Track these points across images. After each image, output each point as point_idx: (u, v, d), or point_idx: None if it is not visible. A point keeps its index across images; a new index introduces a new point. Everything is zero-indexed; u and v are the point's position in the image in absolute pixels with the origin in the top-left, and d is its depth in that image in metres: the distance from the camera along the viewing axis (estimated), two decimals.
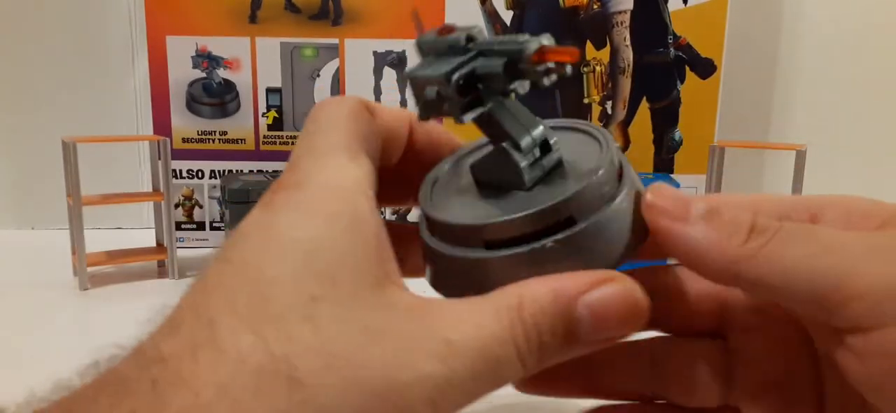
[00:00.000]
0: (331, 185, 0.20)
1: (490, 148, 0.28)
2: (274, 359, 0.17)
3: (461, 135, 0.29)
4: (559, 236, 0.22)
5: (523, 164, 0.25)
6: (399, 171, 0.25)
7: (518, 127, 0.25)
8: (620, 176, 0.24)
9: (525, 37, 0.25)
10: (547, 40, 0.24)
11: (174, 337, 0.18)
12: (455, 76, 0.25)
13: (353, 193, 0.20)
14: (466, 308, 0.20)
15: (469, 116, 0.26)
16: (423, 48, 0.26)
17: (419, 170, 0.27)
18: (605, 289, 0.21)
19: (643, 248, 0.24)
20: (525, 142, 0.25)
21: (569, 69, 0.24)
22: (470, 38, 0.26)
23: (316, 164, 0.21)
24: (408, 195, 0.27)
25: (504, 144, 0.25)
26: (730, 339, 0.27)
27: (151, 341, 0.18)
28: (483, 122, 0.26)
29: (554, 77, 0.24)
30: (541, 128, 0.25)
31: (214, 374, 0.16)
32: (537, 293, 0.20)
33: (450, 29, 0.26)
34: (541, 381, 0.27)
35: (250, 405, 0.16)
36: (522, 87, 0.25)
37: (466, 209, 0.25)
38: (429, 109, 0.26)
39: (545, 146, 0.26)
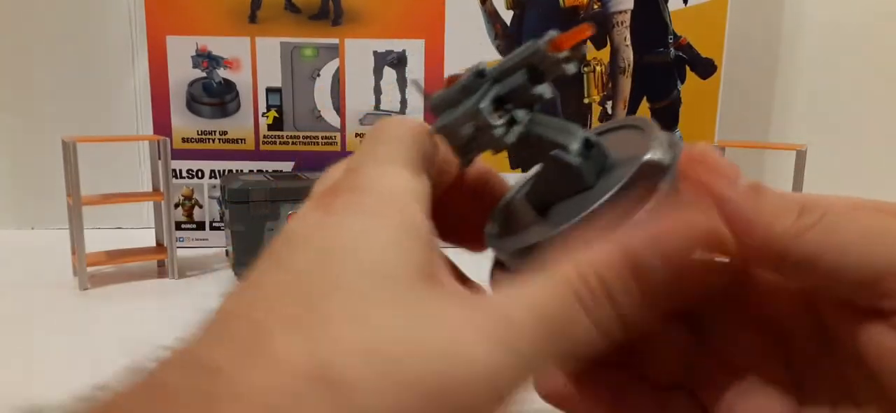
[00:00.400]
0: (390, 192, 0.20)
1: (533, 179, 0.28)
2: (320, 363, 0.16)
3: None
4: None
5: (578, 162, 0.25)
6: (445, 204, 0.25)
7: (561, 133, 0.26)
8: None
9: (530, 42, 0.25)
10: (554, 32, 0.24)
11: (223, 343, 0.17)
12: (483, 104, 0.25)
13: (410, 201, 0.20)
14: (522, 283, 0.19)
15: (512, 135, 0.26)
16: (437, 107, 0.26)
17: (467, 205, 0.26)
18: (676, 222, 0.20)
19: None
20: (572, 143, 0.25)
21: (585, 50, 0.24)
22: (479, 73, 0.26)
23: (377, 171, 0.21)
24: (451, 230, 0.27)
25: (553, 153, 0.25)
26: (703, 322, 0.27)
27: (199, 347, 0.17)
28: (525, 143, 0.26)
29: (574, 64, 0.25)
30: (580, 129, 0.26)
31: (265, 383, 0.16)
32: (597, 249, 0.20)
33: (455, 77, 0.26)
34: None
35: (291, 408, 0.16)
36: (546, 91, 0.25)
37: (548, 228, 0.25)
38: (469, 150, 0.26)
39: (588, 144, 0.26)
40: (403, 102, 1.99)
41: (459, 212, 0.26)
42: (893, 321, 0.20)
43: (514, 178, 0.30)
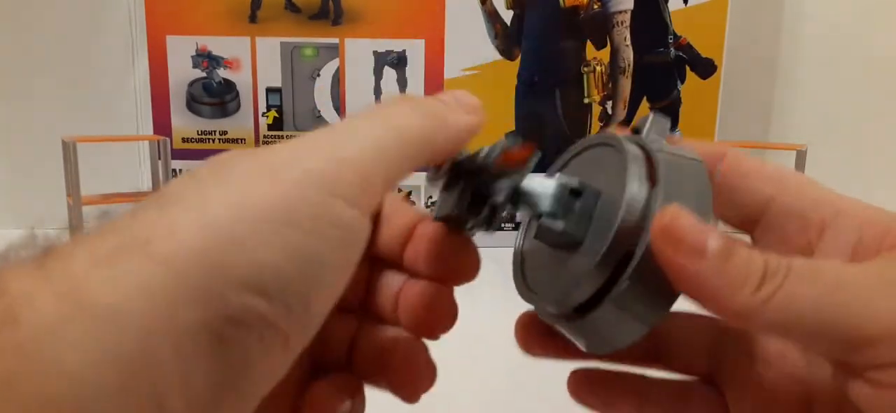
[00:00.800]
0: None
1: (531, 234, 0.29)
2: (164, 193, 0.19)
3: None
4: (627, 273, 0.23)
5: (561, 227, 0.25)
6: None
7: (540, 200, 0.26)
8: (652, 176, 0.23)
9: (486, 149, 0.27)
10: (509, 142, 0.26)
11: (159, 195, 0.21)
12: (459, 208, 0.27)
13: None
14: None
15: (495, 225, 0.28)
16: (432, 183, 0.28)
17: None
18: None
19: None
20: (549, 207, 0.25)
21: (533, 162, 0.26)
22: (454, 163, 0.27)
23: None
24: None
25: (538, 221, 0.26)
26: (726, 376, 0.27)
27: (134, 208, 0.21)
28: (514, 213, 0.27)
29: (505, 184, 0.26)
30: (555, 184, 0.25)
31: (202, 198, 0.19)
32: None
33: (439, 165, 0.28)
34: (542, 342, 0.28)
35: (125, 223, 0.19)
36: (498, 195, 0.26)
37: (550, 286, 0.26)
38: (468, 228, 0.29)
39: (575, 192, 0.26)
40: None
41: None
42: (866, 376, 0.20)
43: None
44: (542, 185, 0.25)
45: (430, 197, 1.94)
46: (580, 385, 0.28)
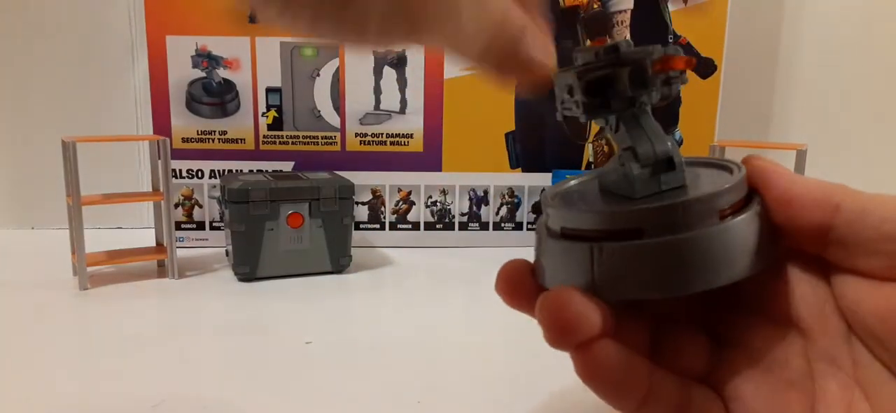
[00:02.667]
0: None
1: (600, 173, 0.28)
2: None
3: None
4: (617, 244, 0.23)
5: (636, 173, 0.25)
6: None
7: (642, 138, 0.26)
8: (742, 204, 0.24)
9: (654, 47, 0.26)
10: (672, 51, 0.25)
11: None
12: (585, 77, 0.26)
13: None
14: None
15: (592, 118, 0.27)
16: (576, 59, 0.28)
17: None
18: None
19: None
20: (644, 152, 0.25)
21: (686, 77, 0.25)
22: (614, 48, 0.27)
23: None
24: None
25: (623, 151, 0.26)
26: (726, 331, 0.28)
27: None
28: (611, 129, 0.27)
29: (678, 86, 0.25)
30: (668, 145, 0.25)
31: None
32: None
33: (602, 40, 0.27)
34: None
35: None
36: (650, 96, 0.26)
37: (572, 211, 0.26)
38: (564, 107, 0.28)
39: (669, 163, 0.26)
40: (403, 102, 1.99)
41: None
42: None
43: (509, 179, 0.30)
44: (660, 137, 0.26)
45: (430, 197, 1.95)
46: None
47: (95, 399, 0.88)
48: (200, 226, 1.91)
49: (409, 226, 1.94)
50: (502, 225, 1.92)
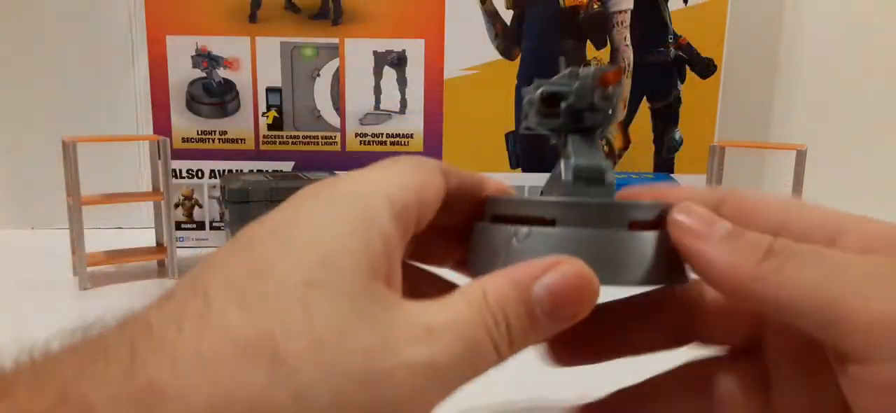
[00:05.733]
0: (358, 189, 0.21)
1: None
2: (260, 335, 0.17)
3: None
4: (529, 229, 0.26)
5: (567, 178, 0.29)
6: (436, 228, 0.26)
7: (581, 153, 0.30)
8: (652, 226, 0.26)
9: (598, 67, 0.30)
10: (606, 68, 0.29)
11: (163, 307, 0.18)
12: (542, 90, 0.30)
13: (378, 200, 0.20)
14: (443, 302, 0.21)
15: (537, 123, 0.31)
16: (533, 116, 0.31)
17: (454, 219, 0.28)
18: (556, 271, 0.22)
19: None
20: (578, 164, 0.29)
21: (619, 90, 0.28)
22: (574, 72, 0.31)
23: (354, 176, 0.22)
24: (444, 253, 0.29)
25: (564, 162, 0.29)
26: (764, 355, 0.28)
27: (141, 311, 0.18)
28: (560, 143, 0.31)
29: (617, 96, 0.29)
30: (602, 164, 0.29)
31: (196, 344, 0.16)
32: (498, 282, 0.21)
33: (573, 73, 0.31)
34: (571, 352, 0.29)
35: (228, 378, 0.16)
36: (591, 118, 0.29)
37: (502, 200, 0.31)
38: (525, 119, 0.33)
39: (600, 179, 0.29)
40: (403, 102, 2.00)
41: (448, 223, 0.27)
42: (850, 369, 0.20)
43: (509, 179, 0.32)
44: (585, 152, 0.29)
45: None
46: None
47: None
48: (201, 226, 1.91)
49: None
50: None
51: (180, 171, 1.88)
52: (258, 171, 1.87)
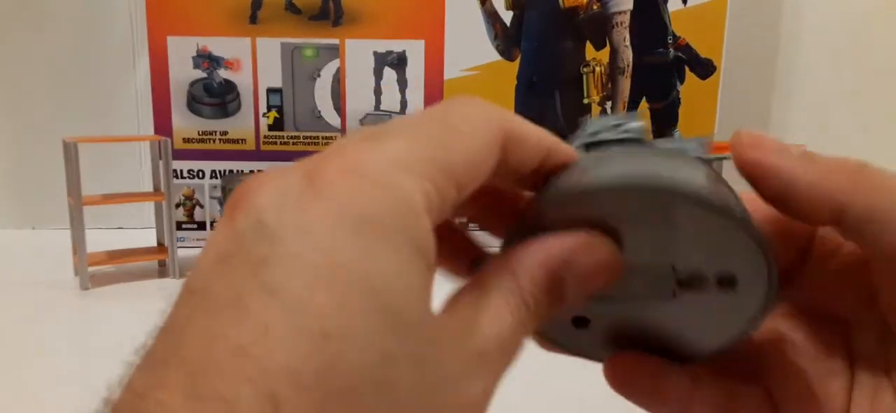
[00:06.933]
0: (396, 196, 0.16)
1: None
2: None
3: None
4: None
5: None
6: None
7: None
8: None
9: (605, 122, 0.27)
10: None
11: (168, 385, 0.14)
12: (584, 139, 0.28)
13: (421, 212, 0.17)
14: (480, 301, 0.19)
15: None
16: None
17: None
18: (585, 249, 0.21)
19: None
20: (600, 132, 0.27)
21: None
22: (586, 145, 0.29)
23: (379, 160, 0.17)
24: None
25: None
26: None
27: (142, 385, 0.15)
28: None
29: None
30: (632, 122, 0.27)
31: None
32: (529, 268, 0.20)
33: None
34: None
35: None
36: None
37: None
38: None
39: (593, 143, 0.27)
40: (403, 103, 2.00)
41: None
42: None
43: None
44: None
45: None
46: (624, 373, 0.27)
47: (96, 398, 0.89)
48: (201, 226, 1.91)
49: None
50: None
51: (181, 171, 1.88)
52: (259, 170, 1.87)
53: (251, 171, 1.91)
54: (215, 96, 1.90)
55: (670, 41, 1.98)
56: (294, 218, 0.14)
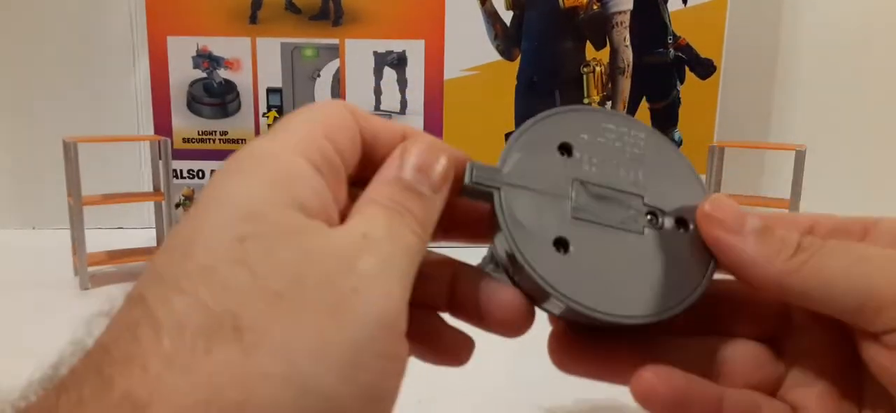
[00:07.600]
0: (268, 152, 0.21)
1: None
2: (214, 314, 0.17)
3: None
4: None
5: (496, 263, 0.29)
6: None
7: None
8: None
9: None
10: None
11: (112, 328, 0.18)
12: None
13: (285, 152, 0.21)
14: (357, 216, 0.22)
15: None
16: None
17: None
18: (409, 153, 0.24)
19: None
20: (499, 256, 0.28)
21: None
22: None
23: (260, 146, 0.22)
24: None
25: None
26: (788, 341, 0.29)
27: (97, 339, 0.18)
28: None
29: None
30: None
31: (158, 346, 0.16)
32: (379, 188, 0.23)
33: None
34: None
35: (202, 366, 0.16)
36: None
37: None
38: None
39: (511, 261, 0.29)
40: (403, 102, 2.00)
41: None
42: (883, 340, 0.22)
43: None
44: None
45: None
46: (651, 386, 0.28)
47: None
48: None
49: None
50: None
51: (181, 171, 1.88)
52: None
53: None
54: (215, 96, 1.90)
55: (670, 41, 1.98)
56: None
